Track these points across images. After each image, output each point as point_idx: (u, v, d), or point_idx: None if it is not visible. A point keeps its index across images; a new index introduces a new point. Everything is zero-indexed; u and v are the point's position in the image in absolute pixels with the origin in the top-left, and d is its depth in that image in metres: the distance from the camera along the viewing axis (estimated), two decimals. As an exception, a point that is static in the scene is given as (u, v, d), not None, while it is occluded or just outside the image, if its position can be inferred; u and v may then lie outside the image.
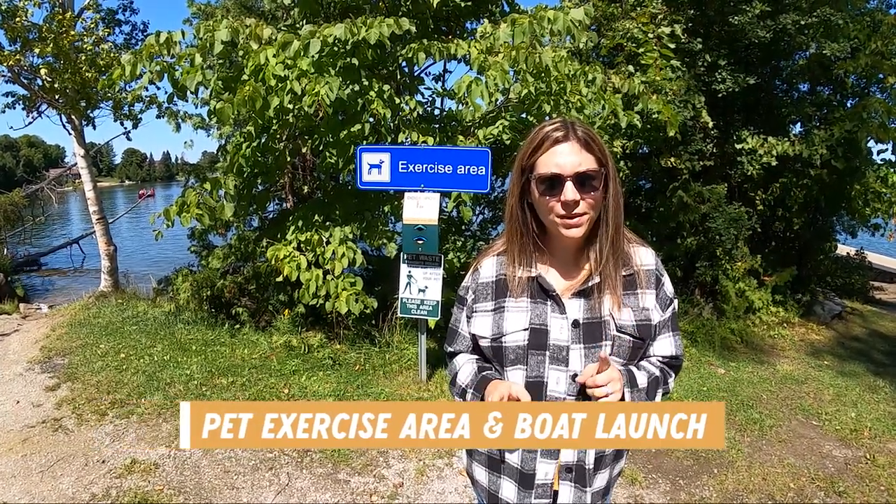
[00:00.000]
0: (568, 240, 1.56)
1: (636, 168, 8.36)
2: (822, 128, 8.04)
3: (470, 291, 1.73)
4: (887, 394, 6.22)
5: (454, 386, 1.75)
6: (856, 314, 9.58)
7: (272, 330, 6.32)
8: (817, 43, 7.80)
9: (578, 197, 1.49)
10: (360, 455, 4.16)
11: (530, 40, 4.86)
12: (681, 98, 6.97)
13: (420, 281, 4.51)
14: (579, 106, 5.23)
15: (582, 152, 1.51)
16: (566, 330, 1.58)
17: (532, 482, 1.63)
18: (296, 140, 5.83)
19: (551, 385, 1.58)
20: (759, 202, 8.32)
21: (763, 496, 4.07)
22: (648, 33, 6.89)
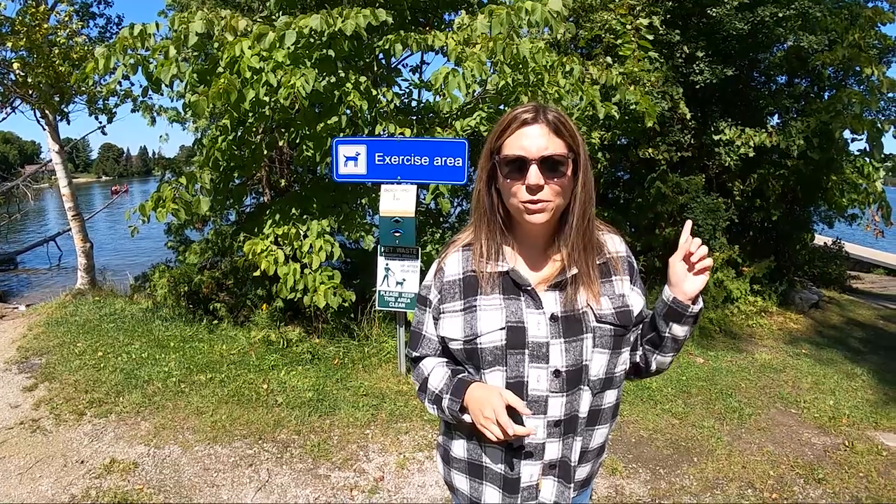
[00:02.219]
0: (533, 227, 1.50)
1: (614, 159, 8.40)
2: (799, 119, 8.11)
3: (434, 291, 1.63)
4: (865, 381, 6.30)
5: (425, 392, 1.64)
6: (833, 303, 9.71)
7: (251, 325, 6.27)
8: (795, 35, 7.86)
9: (542, 181, 1.44)
10: (341, 449, 4.13)
11: (508, 31, 4.83)
12: (659, 89, 7.00)
13: (398, 273, 4.49)
14: (557, 97, 5.21)
15: (550, 136, 1.46)
16: (544, 325, 1.51)
17: (517, 486, 1.57)
18: (272, 133, 5.77)
19: (532, 384, 1.51)
20: (737, 193, 8.39)
21: (743, 484, 4.09)
22: (626, 25, 6.90)
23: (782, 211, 8.89)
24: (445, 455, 1.72)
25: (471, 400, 1.50)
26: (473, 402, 1.49)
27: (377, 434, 4.37)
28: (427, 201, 5.45)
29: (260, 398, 4.80)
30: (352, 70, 5.20)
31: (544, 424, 1.53)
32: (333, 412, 4.64)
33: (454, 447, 1.67)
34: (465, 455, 1.65)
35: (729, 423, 5.01)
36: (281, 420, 4.48)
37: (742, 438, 4.77)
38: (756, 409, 5.33)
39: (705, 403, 5.37)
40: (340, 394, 4.94)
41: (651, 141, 7.59)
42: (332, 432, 4.36)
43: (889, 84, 9.59)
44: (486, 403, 1.44)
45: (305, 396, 4.85)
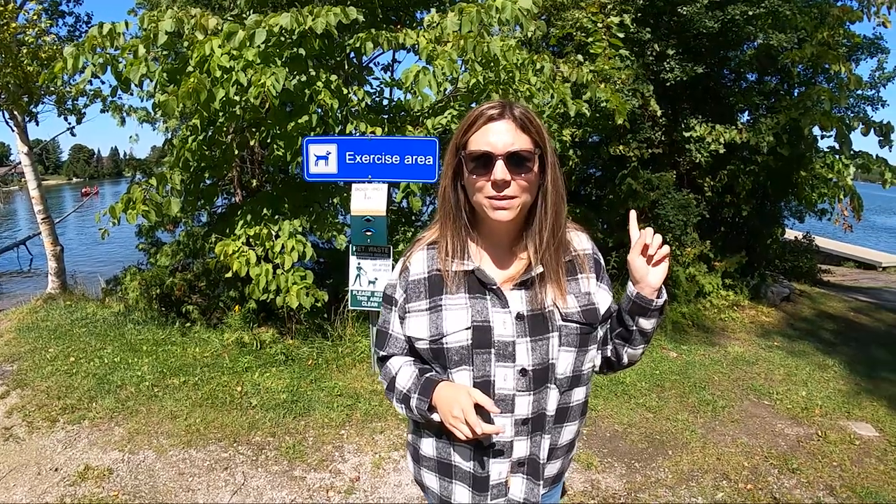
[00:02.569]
0: (498, 224, 1.50)
1: (586, 156, 8.44)
2: (768, 116, 8.21)
3: (399, 290, 1.63)
4: (837, 372, 6.40)
5: (393, 392, 1.64)
6: (804, 296, 9.85)
7: (223, 327, 6.21)
8: (765, 33, 7.95)
9: (509, 177, 1.43)
10: (316, 450, 4.12)
11: (478, 29, 4.84)
12: (629, 87, 7.04)
13: (370, 273, 4.48)
14: (528, 95, 5.23)
15: (517, 132, 1.46)
16: (510, 324, 1.51)
17: (486, 484, 1.58)
18: (243, 133, 5.72)
19: (499, 383, 1.51)
20: (708, 189, 8.49)
21: (718, 475, 4.14)
22: (597, 23, 6.94)
23: (753, 206, 9.01)
24: (415, 454, 1.71)
25: (439, 399, 1.50)
26: (442, 402, 1.49)
27: (352, 434, 4.35)
28: (398, 200, 5.44)
29: (234, 401, 4.76)
30: (323, 69, 5.17)
31: (512, 423, 1.54)
32: (308, 413, 4.62)
33: (423, 446, 1.67)
34: (435, 454, 1.64)
35: (703, 416, 5.07)
36: (255, 422, 4.45)
37: (716, 430, 4.83)
38: (729, 402, 5.40)
39: (679, 397, 5.42)
40: (315, 394, 4.91)
41: (622, 138, 7.65)
42: (306, 433, 4.34)
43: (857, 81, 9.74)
44: (454, 402, 1.45)
45: (280, 398, 4.82)
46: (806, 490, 4.04)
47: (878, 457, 4.58)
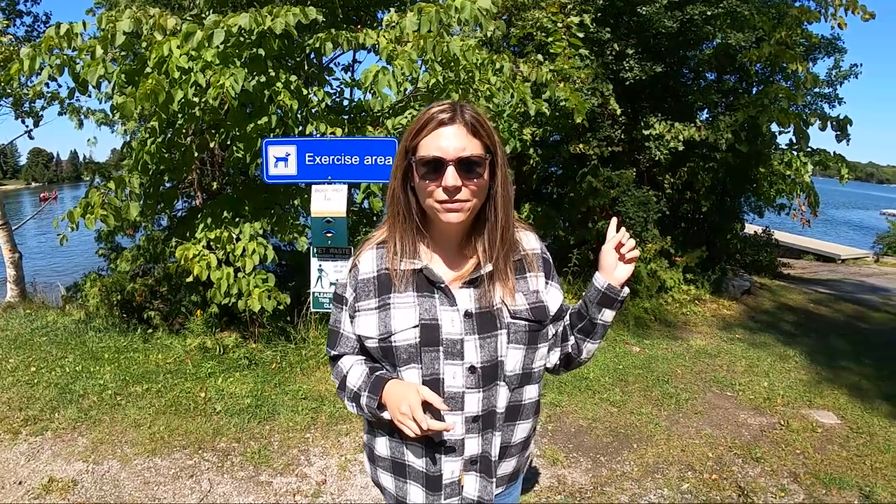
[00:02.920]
0: (449, 226, 1.51)
1: (546, 155, 8.53)
2: (727, 114, 8.38)
3: (349, 289, 1.62)
4: (797, 362, 6.55)
5: (344, 390, 1.64)
6: (765, 289, 10.06)
7: (186, 332, 6.11)
8: (723, 33, 8.11)
9: (460, 183, 1.44)
10: (282, 455, 4.08)
11: (438, 29, 4.84)
12: (589, 86, 7.13)
13: (331, 274, 4.44)
14: (488, 94, 5.25)
15: (468, 137, 1.46)
16: (458, 322, 1.52)
17: (440, 484, 1.57)
18: (202, 134, 5.65)
19: (448, 381, 1.52)
20: (668, 186, 8.64)
21: (683, 467, 4.21)
22: (558, 23, 7.00)
23: (712, 202, 9.19)
24: (371, 454, 1.71)
25: (388, 397, 1.51)
26: (391, 399, 1.50)
27: (318, 437, 4.32)
28: (359, 200, 5.42)
29: (198, 407, 4.69)
30: (282, 69, 5.12)
31: (462, 420, 1.54)
32: (273, 417, 4.58)
33: (377, 446, 1.67)
34: (389, 453, 1.64)
35: (666, 409, 5.14)
36: (220, 428, 4.39)
37: (680, 423, 4.90)
38: (693, 394, 5.48)
39: (642, 391, 5.49)
40: (279, 398, 4.87)
41: (582, 136, 7.74)
42: (272, 438, 4.29)
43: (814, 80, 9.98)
44: (402, 400, 1.45)
45: (244, 403, 4.76)
46: (770, 478, 4.12)
47: (840, 443, 4.70)
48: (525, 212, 8.26)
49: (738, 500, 3.83)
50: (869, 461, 4.43)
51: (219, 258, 5.18)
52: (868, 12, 7.86)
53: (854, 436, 4.85)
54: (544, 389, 5.18)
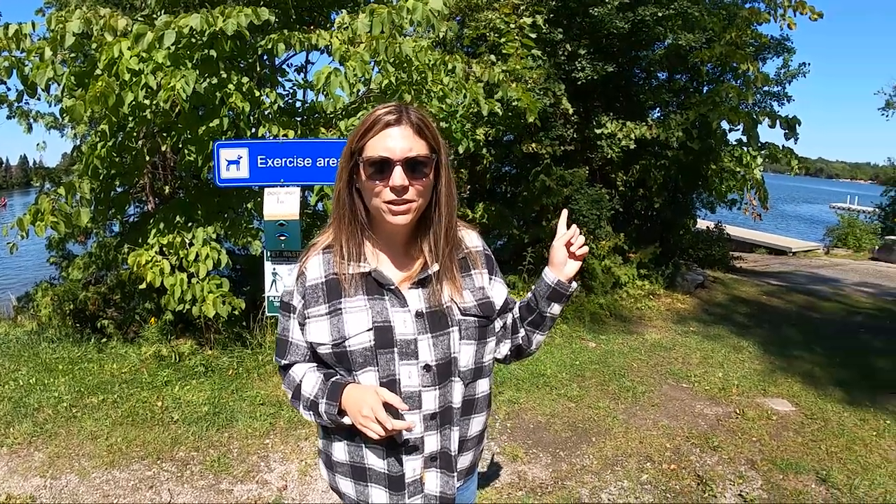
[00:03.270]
0: (395, 226, 1.53)
1: (500, 154, 8.63)
2: (678, 112, 8.56)
3: (297, 296, 1.61)
4: (751, 353, 6.71)
5: (299, 399, 1.64)
6: (718, 282, 10.28)
7: (141, 341, 5.99)
8: (674, 34, 8.27)
9: (407, 182, 1.46)
10: (242, 462, 4.04)
11: (390, 30, 4.84)
12: (541, 86, 7.22)
13: (286, 278, 4.35)
14: (441, 95, 5.27)
15: (414, 137, 1.49)
16: (411, 322, 1.55)
17: (402, 483, 1.59)
18: (154, 138, 5.55)
19: (404, 381, 1.54)
20: (621, 183, 8.80)
21: (641, 458, 4.29)
22: (510, 23, 7.07)
23: (665, 199, 9.38)
24: (328, 461, 1.70)
25: (348, 401, 1.51)
26: (350, 403, 1.50)
27: (277, 443, 4.29)
28: (313, 203, 5.40)
29: (155, 416, 4.61)
30: (234, 71, 5.07)
31: (421, 419, 1.56)
32: (231, 424, 4.52)
33: (335, 451, 1.66)
34: (347, 458, 1.64)
35: (624, 402, 5.23)
36: (178, 437, 4.32)
37: (637, 415, 4.99)
38: (649, 387, 5.58)
39: (599, 385, 5.57)
40: (237, 405, 4.81)
41: (535, 136, 7.83)
42: (231, 445, 4.25)
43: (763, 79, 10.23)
44: (362, 403, 1.46)
45: (202, 411, 4.69)
46: (728, 466, 4.23)
47: (795, 430, 4.84)
48: (479, 211, 8.31)
49: (696, 489, 3.93)
50: (824, 445, 4.58)
51: (172, 264, 5.09)
52: (816, 12, 8.11)
53: (808, 422, 5.01)
54: (502, 387, 5.24)
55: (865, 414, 5.21)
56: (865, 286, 11.39)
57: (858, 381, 6.04)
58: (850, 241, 18.82)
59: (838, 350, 7.02)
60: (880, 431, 4.89)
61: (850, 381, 6.00)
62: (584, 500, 3.75)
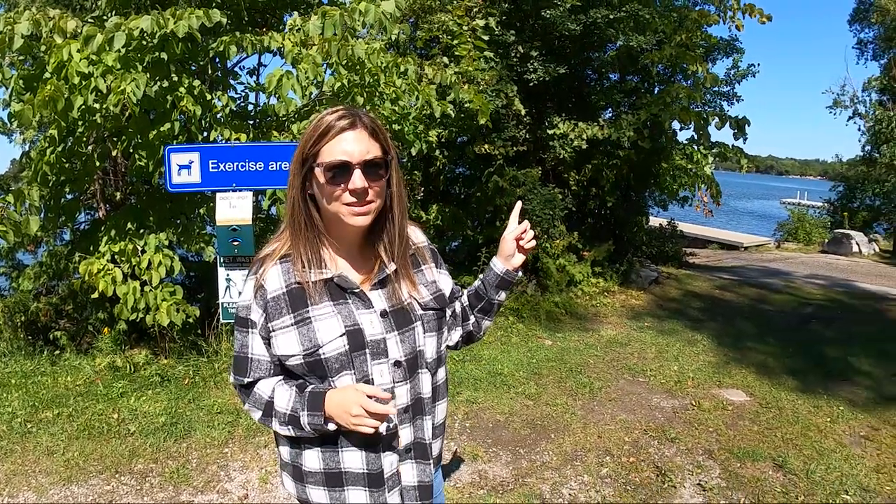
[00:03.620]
0: (353, 229, 1.56)
1: (453, 156, 8.69)
2: (630, 112, 8.71)
3: (257, 310, 1.58)
4: (705, 346, 6.86)
5: (271, 416, 1.60)
6: (671, 278, 10.47)
7: (95, 352, 5.84)
8: (626, 36, 8.42)
9: (367, 185, 1.49)
10: (201, 472, 3.98)
11: (342, 32, 4.83)
12: (493, 87, 7.29)
13: (239, 284, 4.36)
14: (394, 97, 5.28)
15: (369, 140, 1.52)
16: (377, 323, 1.59)
17: (381, 479, 1.61)
18: (104, 142, 5.44)
19: (377, 379, 1.57)
20: (573, 183, 8.93)
21: (601, 452, 4.36)
22: (463, 26, 7.11)
23: (617, 197, 9.55)
24: (297, 472, 1.68)
25: (332, 407, 1.51)
26: (336, 409, 1.51)
27: (236, 452, 4.25)
28: (266, 207, 5.37)
29: (112, 429, 4.51)
30: (185, 74, 5.00)
31: (395, 413, 1.59)
32: (189, 434, 4.46)
33: (307, 461, 1.64)
34: (321, 465, 1.63)
35: (581, 398, 5.30)
36: (136, 449, 4.24)
37: (595, 411, 5.06)
38: (606, 382, 5.67)
39: (557, 382, 5.64)
40: (194, 414, 4.74)
41: (487, 137, 7.91)
42: (189, 456, 4.18)
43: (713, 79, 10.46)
44: (349, 404, 1.47)
45: (159, 421, 4.61)
46: (686, 456, 4.33)
47: (750, 419, 4.98)
48: (433, 213, 8.35)
49: (656, 480, 4.01)
50: (780, 433, 4.72)
51: (124, 272, 5.00)
52: (765, 15, 8.33)
53: (764, 410, 5.15)
54: (460, 388, 5.29)
55: (819, 401, 5.39)
56: (816, 278, 11.74)
57: (811, 369, 6.25)
58: (800, 236, 19.32)
59: (791, 341, 7.23)
60: (834, 417, 5.06)
61: (802, 370, 6.19)
62: (546, 497, 3.80)
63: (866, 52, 24.20)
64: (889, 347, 7.11)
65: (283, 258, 1.60)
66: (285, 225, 1.64)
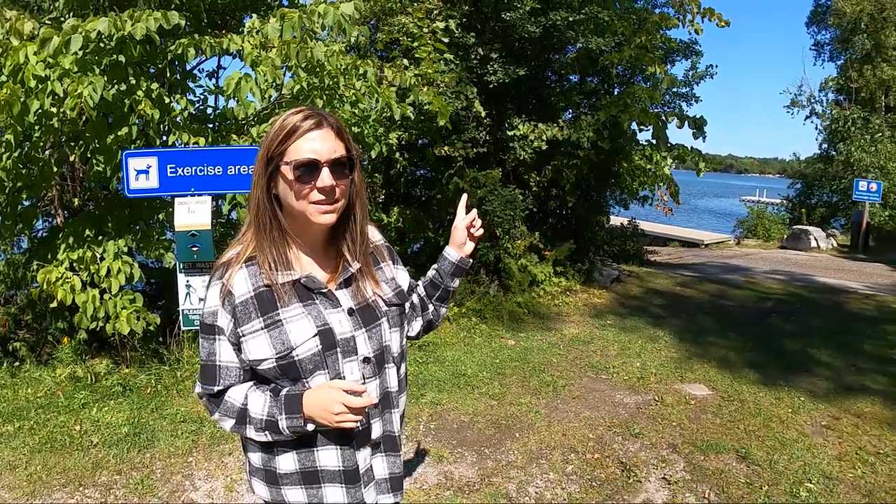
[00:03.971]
0: (318, 228, 1.58)
1: (413, 158, 8.71)
2: (589, 114, 8.82)
3: (225, 316, 1.57)
4: (667, 342, 6.96)
5: (245, 423, 1.59)
6: (633, 276, 10.63)
7: (55, 362, 5.70)
8: (585, 38, 8.54)
9: (335, 183, 1.52)
10: (166, 482, 3.92)
11: (302, 35, 4.81)
12: (453, 89, 7.32)
13: (199, 290, 4.32)
14: (354, 100, 5.29)
15: (335, 140, 1.55)
16: (346, 321, 1.61)
17: (357, 475, 1.63)
18: (62, 147, 5.34)
19: (348, 377, 1.60)
20: (534, 184, 9.02)
21: (566, 450, 4.39)
22: (423, 28, 7.14)
23: (578, 197, 9.67)
24: (270, 476, 1.66)
25: (311, 408, 1.53)
26: (315, 409, 1.52)
27: (201, 460, 4.19)
28: (226, 212, 5.32)
29: (74, 441, 4.41)
30: (144, 77, 4.93)
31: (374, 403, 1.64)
32: (153, 444, 4.38)
33: (281, 463, 1.64)
34: (297, 466, 1.63)
35: (545, 397, 5.34)
36: (99, 461, 4.15)
37: (559, 409, 5.10)
38: (569, 381, 5.72)
39: (520, 382, 5.67)
40: (157, 424, 4.66)
41: (448, 139, 7.94)
42: (154, 466, 4.12)
43: (671, 81, 10.67)
44: (329, 403, 1.50)
45: (121, 432, 4.52)
46: (650, 451, 4.40)
47: (713, 412, 5.08)
48: (394, 215, 8.37)
49: (621, 476, 4.06)
50: (742, 425, 4.82)
51: (83, 280, 4.90)
52: (723, 20, 8.58)
53: (726, 404, 5.25)
54: (424, 389, 5.30)
55: (780, 393, 5.52)
56: (776, 273, 12.04)
57: (772, 362, 6.40)
58: (759, 232, 19.77)
59: (751, 335, 7.40)
60: (795, 408, 5.19)
61: (763, 363, 6.34)
62: (512, 495, 3.82)
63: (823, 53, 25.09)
64: (848, 339, 7.33)
65: (248, 261, 1.59)
66: (246, 227, 1.64)
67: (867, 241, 16.87)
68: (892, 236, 18.86)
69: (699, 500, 3.83)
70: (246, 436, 1.63)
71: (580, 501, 3.79)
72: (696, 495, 3.86)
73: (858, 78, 21.41)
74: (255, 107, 5.09)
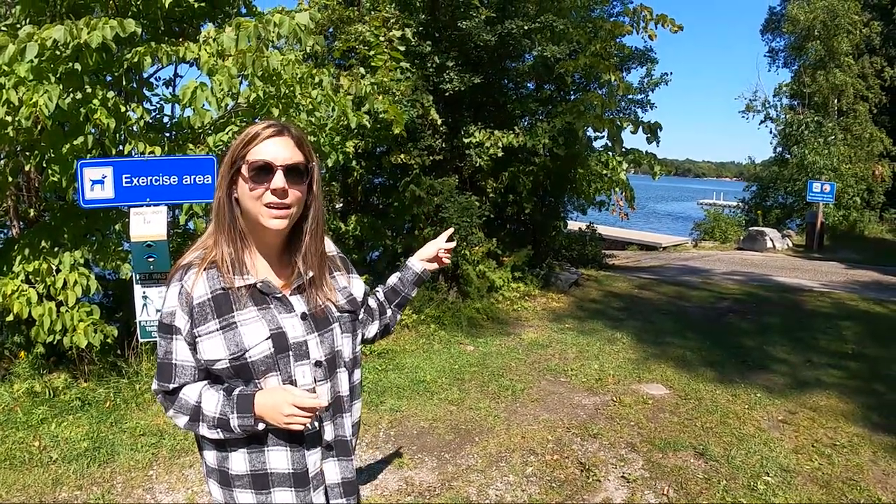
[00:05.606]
0: (272, 233, 1.65)
1: (370, 166, 8.74)
2: (545, 120, 8.96)
3: (182, 316, 1.62)
4: (625, 344, 7.06)
5: (198, 421, 1.64)
6: (591, 280, 10.75)
7: (12, 377, 5.56)
8: (541, 46, 8.68)
9: (287, 186, 1.59)
10: (126, 497, 3.88)
11: (258, 44, 4.83)
12: (409, 98, 7.39)
13: (156, 301, 4.29)
14: (310, 109, 5.31)
15: (294, 149, 1.64)
16: (299, 325, 1.67)
17: (307, 479, 1.67)
18: (17, 157, 5.25)
19: (300, 380, 1.65)
20: (491, 190, 9.12)
21: (525, 452, 4.43)
22: (380, 36, 7.18)
23: (535, 203, 9.79)
24: (223, 478, 1.70)
25: (262, 408, 1.58)
26: (266, 410, 1.58)
27: (161, 474, 4.15)
28: (182, 222, 5.30)
29: (33, 457, 4.32)
30: (100, 85, 4.89)
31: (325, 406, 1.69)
32: (113, 459, 4.32)
33: (233, 464, 1.68)
34: (248, 468, 1.67)
35: (504, 401, 5.37)
36: (59, 477, 4.08)
37: (518, 412, 5.14)
38: (528, 384, 5.76)
39: (479, 386, 5.70)
40: (117, 437, 4.59)
41: (403, 147, 7.99)
42: (114, 480, 4.06)
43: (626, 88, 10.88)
44: (280, 404, 1.56)
45: (81, 447, 4.44)
46: (609, 451, 4.47)
47: (671, 411, 5.18)
48: (352, 224, 8.39)
49: (580, 476, 4.11)
50: (699, 422, 4.92)
51: (39, 293, 4.82)
52: (676, 25, 8.75)
53: (683, 402, 5.35)
54: (384, 397, 5.32)
55: (737, 390, 5.65)
56: (733, 274, 12.28)
57: (729, 360, 6.55)
58: (716, 234, 20.10)
59: (708, 334, 7.56)
60: (752, 404, 5.33)
61: (720, 362, 6.48)
62: (473, 499, 3.86)
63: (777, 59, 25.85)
64: (804, 336, 7.55)
65: (207, 265, 1.65)
66: (210, 230, 1.71)
67: (821, 240, 17.31)
68: (845, 235, 19.44)
69: (658, 497, 3.90)
70: (199, 433, 1.68)
71: (540, 502, 3.85)
72: (655, 492, 3.94)
73: (812, 83, 22.02)
74: (212, 116, 5.09)
